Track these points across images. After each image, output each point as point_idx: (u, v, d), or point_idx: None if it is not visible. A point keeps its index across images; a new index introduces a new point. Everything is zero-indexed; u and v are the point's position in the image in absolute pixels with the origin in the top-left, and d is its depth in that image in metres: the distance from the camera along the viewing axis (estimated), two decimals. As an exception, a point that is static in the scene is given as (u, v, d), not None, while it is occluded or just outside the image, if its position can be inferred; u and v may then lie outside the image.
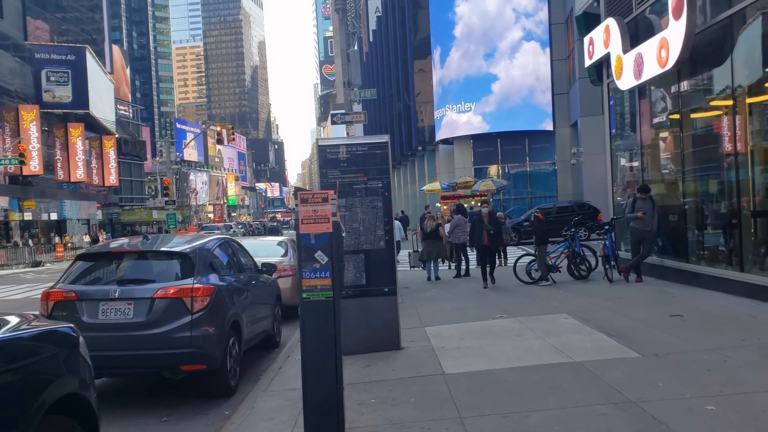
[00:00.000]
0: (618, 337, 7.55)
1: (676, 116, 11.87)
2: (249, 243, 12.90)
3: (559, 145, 36.27)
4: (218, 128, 42.54)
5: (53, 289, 6.66)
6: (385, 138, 7.95)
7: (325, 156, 7.78)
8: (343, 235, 6.23)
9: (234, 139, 61.56)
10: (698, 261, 11.21)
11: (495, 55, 37.06)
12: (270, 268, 9.36)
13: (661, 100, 12.74)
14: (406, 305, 10.87)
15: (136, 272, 6.85)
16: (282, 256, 12.27)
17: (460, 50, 37.99)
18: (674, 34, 10.20)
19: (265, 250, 12.42)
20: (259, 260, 9.64)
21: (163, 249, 7.24)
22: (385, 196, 7.70)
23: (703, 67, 10.82)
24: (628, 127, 14.47)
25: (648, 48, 11.30)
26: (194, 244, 7.35)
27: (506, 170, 38.33)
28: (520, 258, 13.62)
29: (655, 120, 13.09)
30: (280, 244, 13.31)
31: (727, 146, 10.08)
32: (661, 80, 11.71)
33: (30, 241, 40.82)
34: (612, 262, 12.43)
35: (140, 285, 6.58)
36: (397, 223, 21.28)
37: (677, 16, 10.04)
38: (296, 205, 4.92)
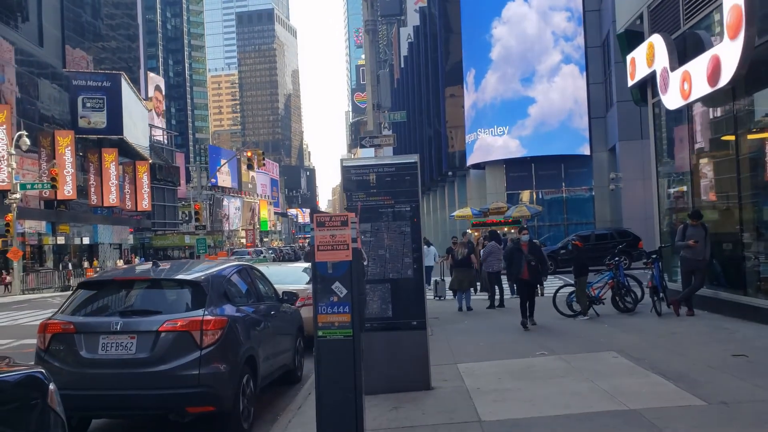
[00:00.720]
0: (677, 380, 6.71)
1: (731, 137, 10.99)
2: (274, 269, 12.36)
3: (596, 170, 35.19)
4: (248, 154, 42.55)
5: (51, 320, 6.12)
6: (414, 158, 7.31)
7: (350, 177, 7.18)
8: (365, 263, 5.57)
9: (264, 165, 61.87)
10: (757, 293, 10.25)
11: (533, 78, 36.28)
12: (291, 296, 8.73)
13: (712, 121, 11.88)
14: (436, 338, 10.13)
15: (141, 302, 6.28)
16: (307, 284, 11.66)
17: (497, 73, 37.19)
18: (729, 49, 9.39)
19: (291, 276, 11.86)
20: (284, 287, 9.06)
21: (171, 277, 6.67)
22: (414, 222, 7.04)
23: (762, 84, 9.98)
24: (675, 149, 13.59)
25: (698, 65, 10.50)
26: (208, 271, 6.77)
27: (540, 196, 37.29)
28: (560, 289, 12.75)
29: (706, 142, 12.21)
30: (305, 270, 12.72)
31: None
32: (712, 99, 10.88)
33: (69, 265, 41.03)
34: (660, 294, 11.51)
35: (145, 317, 5.99)
36: (432, 248, 20.57)
37: (733, 34, 9.20)
38: (311, 229, 4.29)
